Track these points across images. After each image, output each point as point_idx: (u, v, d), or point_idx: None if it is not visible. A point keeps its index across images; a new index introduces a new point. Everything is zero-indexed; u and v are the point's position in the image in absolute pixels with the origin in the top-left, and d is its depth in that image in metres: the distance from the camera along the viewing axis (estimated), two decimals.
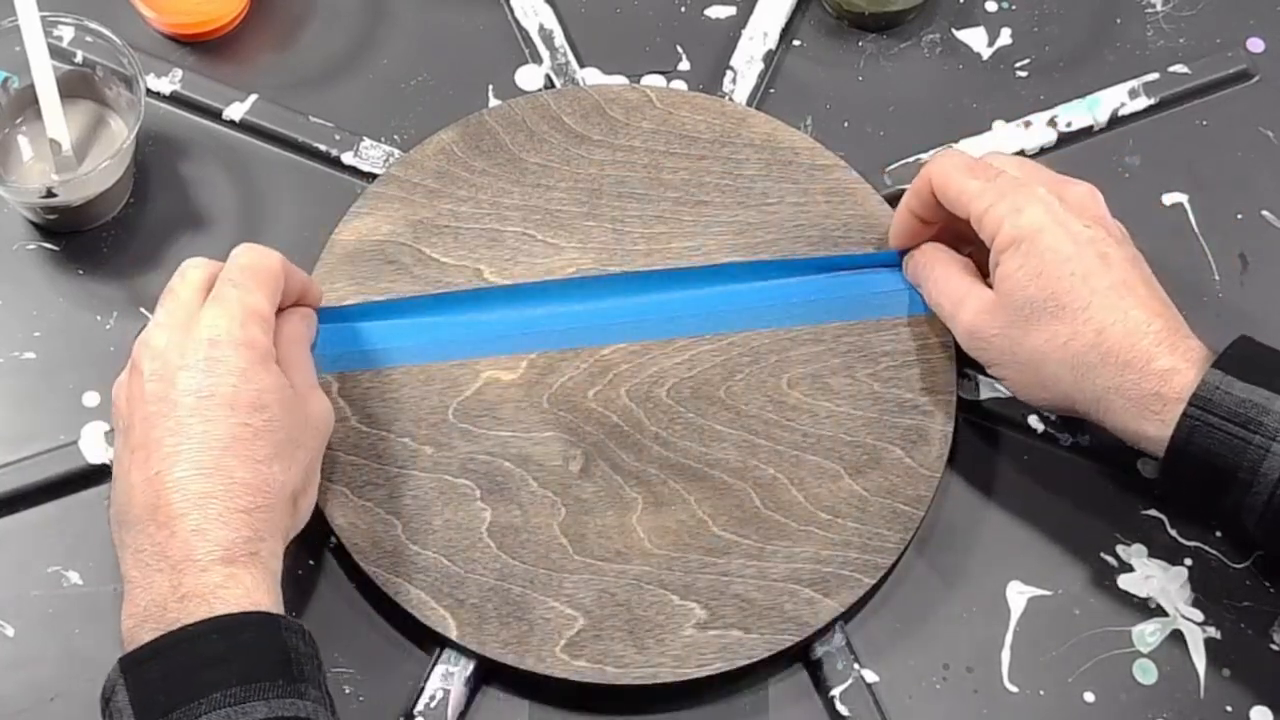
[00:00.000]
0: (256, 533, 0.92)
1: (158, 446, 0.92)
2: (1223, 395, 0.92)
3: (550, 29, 1.23)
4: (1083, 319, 0.97)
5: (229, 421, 0.92)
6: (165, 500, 0.90)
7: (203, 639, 0.86)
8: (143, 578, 0.90)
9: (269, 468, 0.94)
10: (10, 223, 1.15)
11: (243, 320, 0.95)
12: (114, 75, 1.14)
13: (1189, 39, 1.24)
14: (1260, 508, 0.92)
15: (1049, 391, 1.01)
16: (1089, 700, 1.02)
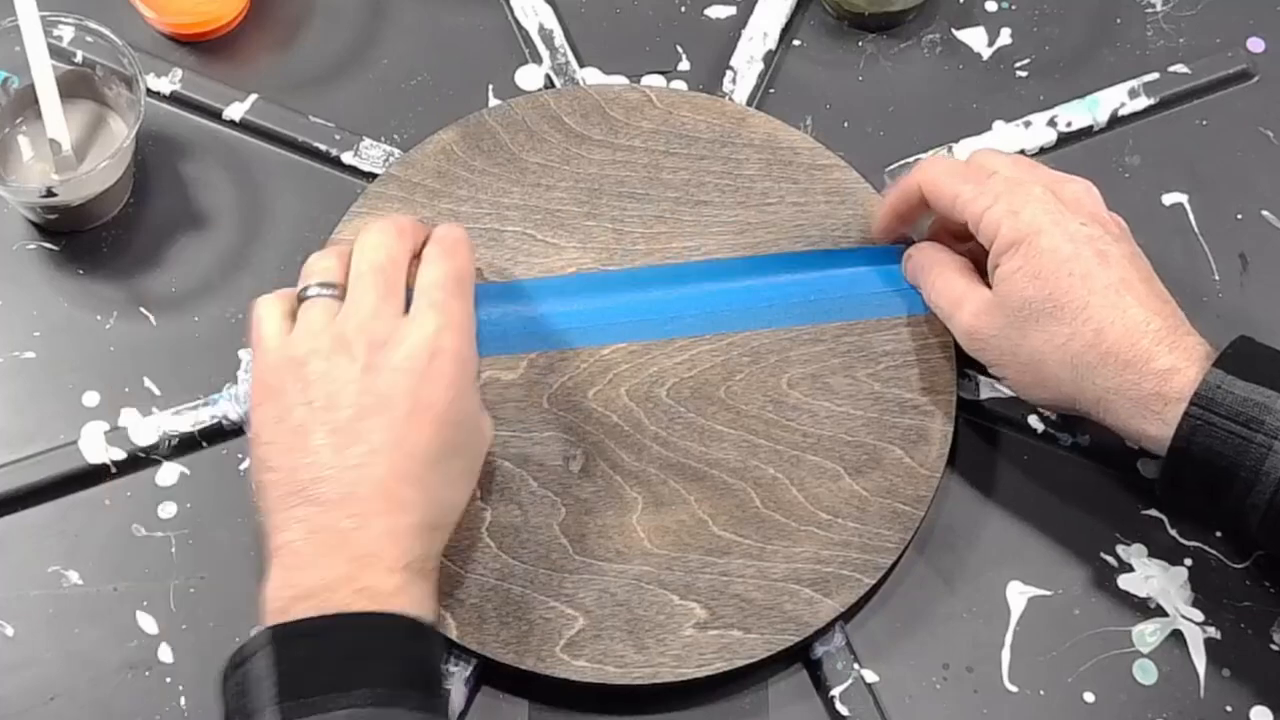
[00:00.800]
0: (436, 548, 0.94)
1: (365, 438, 0.91)
2: (1224, 394, 0.91)
3: (550, 29, 1.23)
4: (1081, 319, 0.96)
5: (438, 438, 0.93)
6: (366, 495, 0.90)
7: (364, 631, 0.86)
8: (316, 557, 0.89)
9: (457, 488, 0.96)
10: (10, 222, 1.15)
11: (467, 335, 0.96)
12: (114, 75, 1.13)
13: (1189, 39, 1.24)
14: (1263, 507, 0.91)
15: (1050, 391, 1.00)
16: (1089, 700, 1.02)
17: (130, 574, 1.04)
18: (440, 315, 0.95)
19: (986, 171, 1.02)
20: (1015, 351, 1.00)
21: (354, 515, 0.90)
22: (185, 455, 1.08)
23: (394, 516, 0.90)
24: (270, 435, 0.93)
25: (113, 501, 1.06)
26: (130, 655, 1.02)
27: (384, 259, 0.97)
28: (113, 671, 1.01)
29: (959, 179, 1.02)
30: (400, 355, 0.93)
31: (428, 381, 0.93)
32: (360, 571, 0.88)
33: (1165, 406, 0.93)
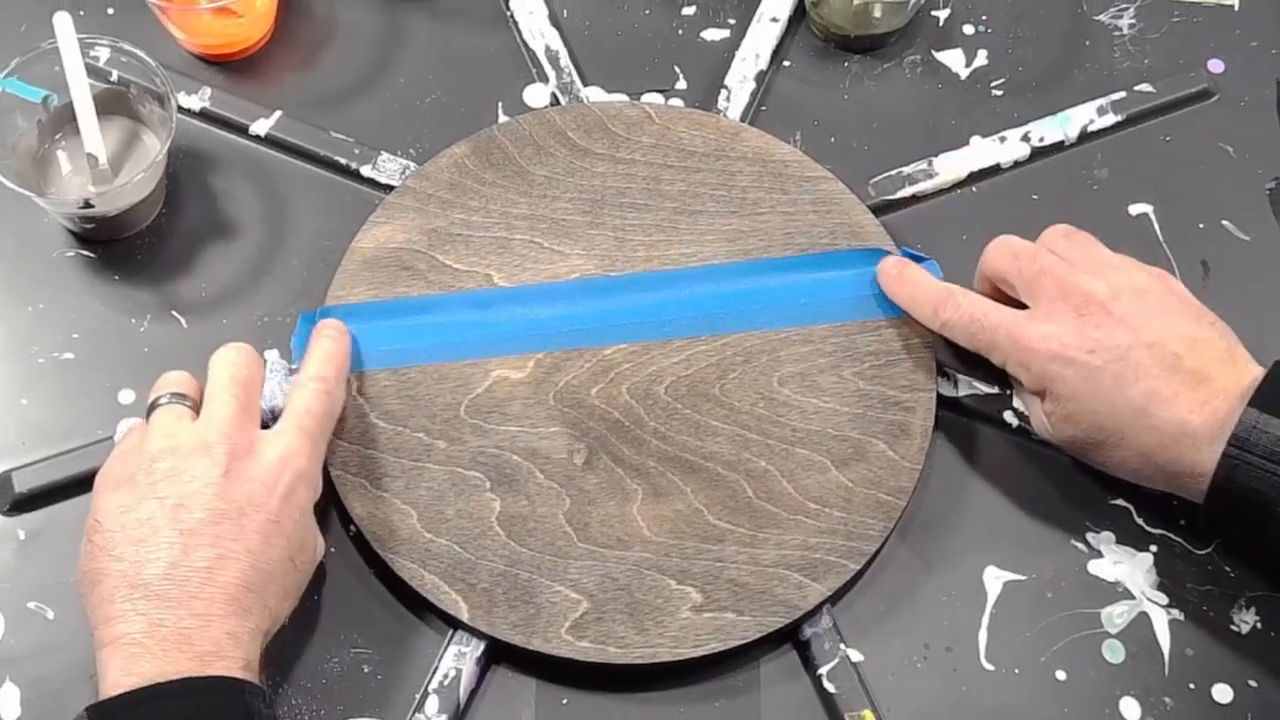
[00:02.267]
0: (258, 652, 0.91)
1: (216, 543, 0.89)
2: (1260, 435, 0.90)
3: (556, 50, 1.22)
4: (1124, 448, 0.97)
5: (284, 551, 0.92)
6: (211, 597, 0.88)
7: (184, 697, 0.84)
8: (158, 650, 0.86)
9: (288, 600, 0.95)
10: (50, 232, 1.14)
11: (318, 464, 0.96)
12: (147, 93, 1.13)
13: (1153, 60, 1.24)
14: None
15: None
16: (1061, 678, 1.02)
17: None
18: (302, 439, 0.95)
19: (990, 324, 1.01)
20: (1085, 457, 1.02)
21: (198, 615, 0.87)
22: None
23: (237, 620, 0.89)
24: (115, 524, 0.91)
25: None
26: None
27: (244, 375, 0.97)
28: None
29: (969, 331, 1.02)
30: (260, 467, 0.93)
31: (282, 498, 0.93)
32: (203, 669, 0.86)
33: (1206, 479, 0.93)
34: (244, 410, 0.95)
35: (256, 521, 0.91)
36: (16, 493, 1.05)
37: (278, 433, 0.94)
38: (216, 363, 0.98)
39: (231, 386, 0.96)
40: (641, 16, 1.25)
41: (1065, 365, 0.96)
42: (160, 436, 0.93)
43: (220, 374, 0.97)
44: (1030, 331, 0.98)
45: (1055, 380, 0.97)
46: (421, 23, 1.24)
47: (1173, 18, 1.26)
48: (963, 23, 1.26)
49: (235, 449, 0.92)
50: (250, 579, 0.90)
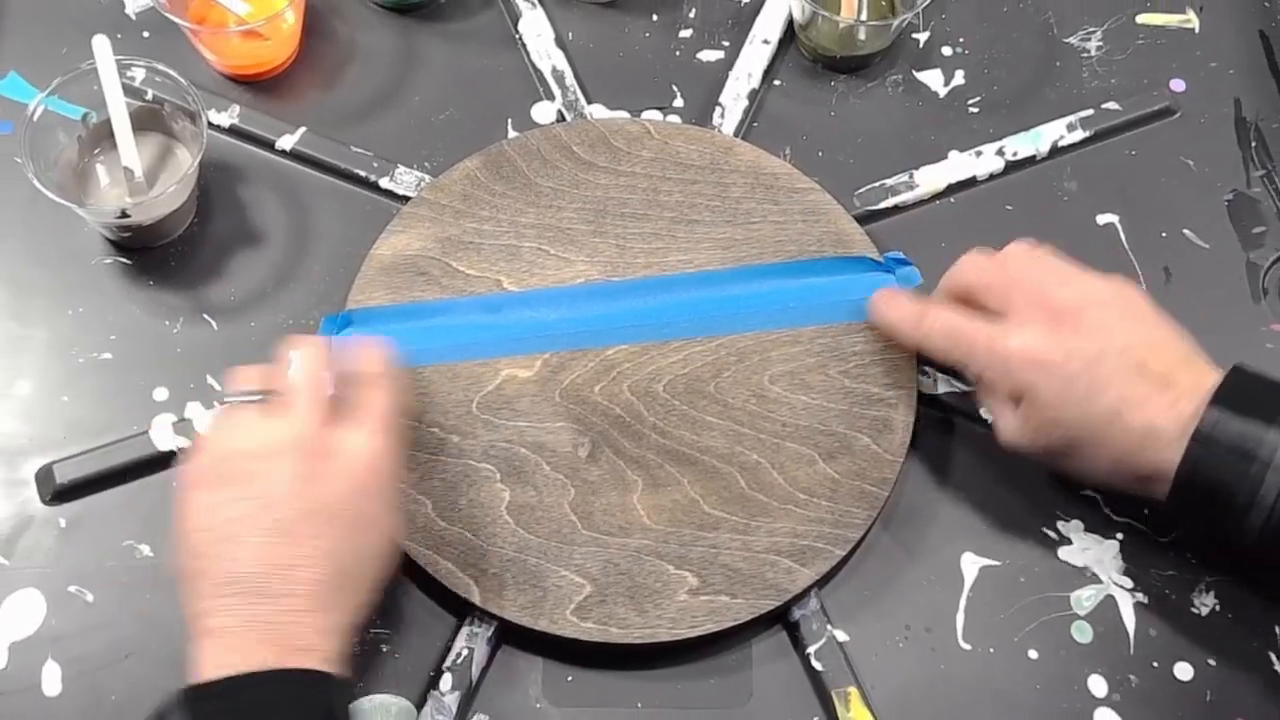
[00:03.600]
0: (344, 648, 0.89)
1: (304, 541, 0.88)
2: (1221, 430, 0.90)
3: (562, 70, 1.22)
4: (1096, 454, 0.95)
5: (366, 547, 0.91)
6: (302, 594, 0.87)
7: (274, 685, 0.84)
8: (251, 644, 0.85)
9: (371, 594, 0.92)
10: (89, 240, 1.14)
11: (396, 461, 0.94)
12: (180, 110, 1.13)
13: (1119, 80, 1.24)
14: (1258, 530, 0.90)
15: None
16: (1033, 657, 1.01)
17: None
18: (379, 438, 0.93)
19: (968, 337, 0.99)
20: (1055, 468, 1.01)
21: (286, 611, 0.86)
22: None
23: (324, 615, 0.87)
24: (205, 522, 0.89)
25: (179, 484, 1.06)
26: None
27: (314, 375, 0.94)
28: (179, 633, 0.98)
29: (949, 343, 1.01)
30: (342, 467, 0.90)
31: (365, 496, 0.91)
32: (289, 662, 0.85)
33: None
34: (321, 411, 0.93)
35: (341, 520, 0.89)
36: (58, 484, 1.05)
37: (353, 435, 0.92)
38: (295, 361, 0.95)
39: (308, 389, 0.93)
40: (642, 39, 1.25)
41: (1042, 372, 0.95)
42: (245, 436, 0.91)
43: (296, 375, 0.94)
44: (1008, 340, 0.96)
45: (1032, 387, 0.95)
46: (436, 44, 1.24)
47: (1137, 40, 1.26)
48: (942, 45, 1.25)
49: (318, 450, 0.90)
50: (336, 576, 0.88)
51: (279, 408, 0.92)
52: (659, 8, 1.26)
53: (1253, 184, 1.19)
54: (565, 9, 1.26)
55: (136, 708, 0.98)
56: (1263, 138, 1.21)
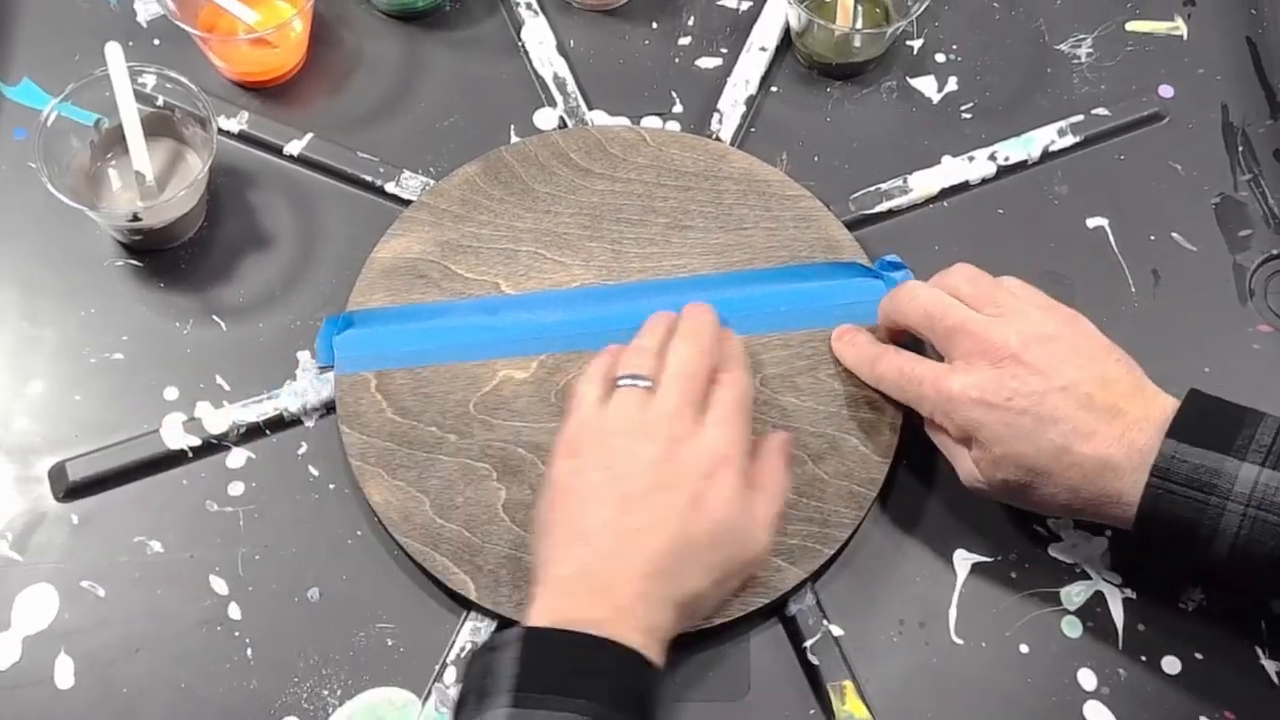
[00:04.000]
0: (674, 626, 0.91)
1: (648, 510, 0.91)
2: (1179, 464, 0.89)
3: (563, 77, 1.22)
4: (1052, 485, 0.94)
5: (706, 532, 0.92)
6: (636, 558, 0.90)
7: (599, 652, 0.85)
8: (583, 594, 0.89)
9: (708, 582, 0.92)
10: (102, 243, 1.14)
11: (746, 449, 0.96)
12: (190, 116, 1.13)
13: (1109, 86, 1.23)
14: (1223, 560, 0.90)
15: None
16: (1024, 651, 1.02)
17: (204, 543, 1.04)
18: (729, 431, 0.95)
19: (915, 378, 1.00)
20: (1021, 505, 0.99)
21: (621, 572, 0.89)
22: (251, 442, 1.08)
23: (651, 583, 0.89)
24: (567, 483, 0.94)
25: (189, 481, 1.06)
26: (204, 613, 1.02)
27: (692, 369, 0.97)
28: (189, 627, 1.01)
29: (898, 385, 1.02)
30: (693, 452, 0.93)
31: (710, 483, 0.92)
32: (614, 620, 0.87)
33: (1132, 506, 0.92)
34: (686, 402, 0.95)
35: (684, 497, 0.91)
36: (70, 481, 1.05)
37: (707, 427, 0.94)
38: (672, 356, 0.98)
39: (679, 380, 0.96)
40: (641, 46, 1.25)
41: (987, 412, 0.95)
42: (618, 417, 0.95)
43: (673, 366, 0.97)
44: (952, 384, 0.96)
45: (979, 427, 0.95)
46: (440, 52, 1.24)
47: (1126, 47, 1.25)
48: (935, 52, 1.25)
49: (675, 435, 0.93)
50: (671, 547, 0.90)
51: (656, 394, 0.96)
52: (659, 16, 1.26)
53: (1239, 188, 1.19)
54: (567, 17, 1.26)
55: (147, 700, 0.99)
56: (1249, 142, 1.21)
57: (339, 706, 0.99)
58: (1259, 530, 0.88)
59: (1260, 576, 0.90)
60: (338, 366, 1.08)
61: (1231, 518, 0.88)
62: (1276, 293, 1.15)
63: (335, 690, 1.00)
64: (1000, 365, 0.95)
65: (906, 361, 1.02)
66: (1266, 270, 1.16)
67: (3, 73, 1.21)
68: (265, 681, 1.00)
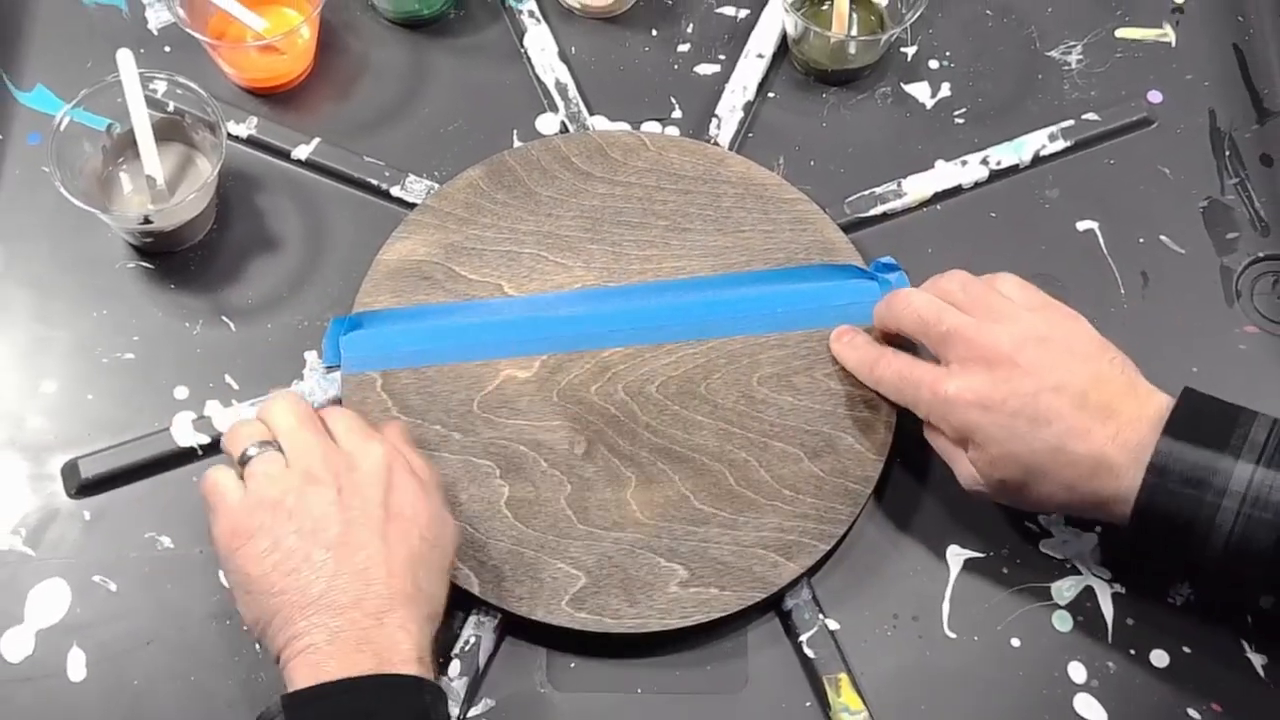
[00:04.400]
0: (429, 639, 0.90)
1: (360, 547, 0.89)
2: (1175, 462, 0.89)
3: (565, 83, 1.22)
4: (1048, 483, 0.94)
5: (417, 536, 0.91)
6: (375, 595, 0.87)
7: (370, 691, 0.84)
8: (342, 654, 0.85)
9: (441, 580, 0.93)
10: (113, 245, 1.14)
11: (408, 450, 0.96)
12: (200, 121, 1.13)
13: (1098, 92, 1.23)
14: (1218, 557, 0.90)
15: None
16: (1015, 645, 1.02)
17: None
18: (370, 440, 0.94)
19: (914, 381, 1.00)
20: (1019, 505, 0.99)
21: (370, 614, 0.87)
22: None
23: (403, 610, 0.88)
24: (263, 567, 0.89)
25: (199, 478, 1.05)
26: (213, 607, 1.02)
27: (305, 413, 0.95)
28: (198, 621, 1.01)
29: (897, 388, 1.02)
30: (363, 474, 0.91)
31: (394, 490, 0.91)
32: (385, 664, 0.85)
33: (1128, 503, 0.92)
34: (324, 439, 0.93)
35: (381, 519, 0.90)
36: (83, 478, 1.05)
37: (356, 448, 0.93)
38: (277, 413, 0.95)
39: (304, 425, 0.94)
40: (641, 53, 1.25)
41: (983, 413, 0.94)
42: (269, 484, 0.91)
43: (288, 420, 0.94)
44: (948, 386, 0.96)
45: (975, 428, 0.95)
46: (445, 59, 1.24)
47: (1116, 53, 1.25)
48: (929, 58, 1.25)
49: (337, 469, 0.91)
50: (404, 568, 0.89)
51: (287, 449, 0.93)
52: (658, 23, 1.26)
53: (1227, 191, 1.19)
54: (568, 24, 1.26)
55: (157, 692, 0.99)
56: (1236, 147, 1.21)
57: None
58: (1253, 527, 0.88)
59: (1252, 572, 0.91)
60: (344, 366, 1.07)
61: (1227, 515, 0.88)
62: (1263, 294, 1.15)
63: None
64: (994, 368, 0.95)
65: (905, 365, 1.02)
66: (1253, 272, 1.16)
67: (17, 79, 1.21)
68: (272, 674, 0.98)
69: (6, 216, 1.15)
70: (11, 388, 1.09)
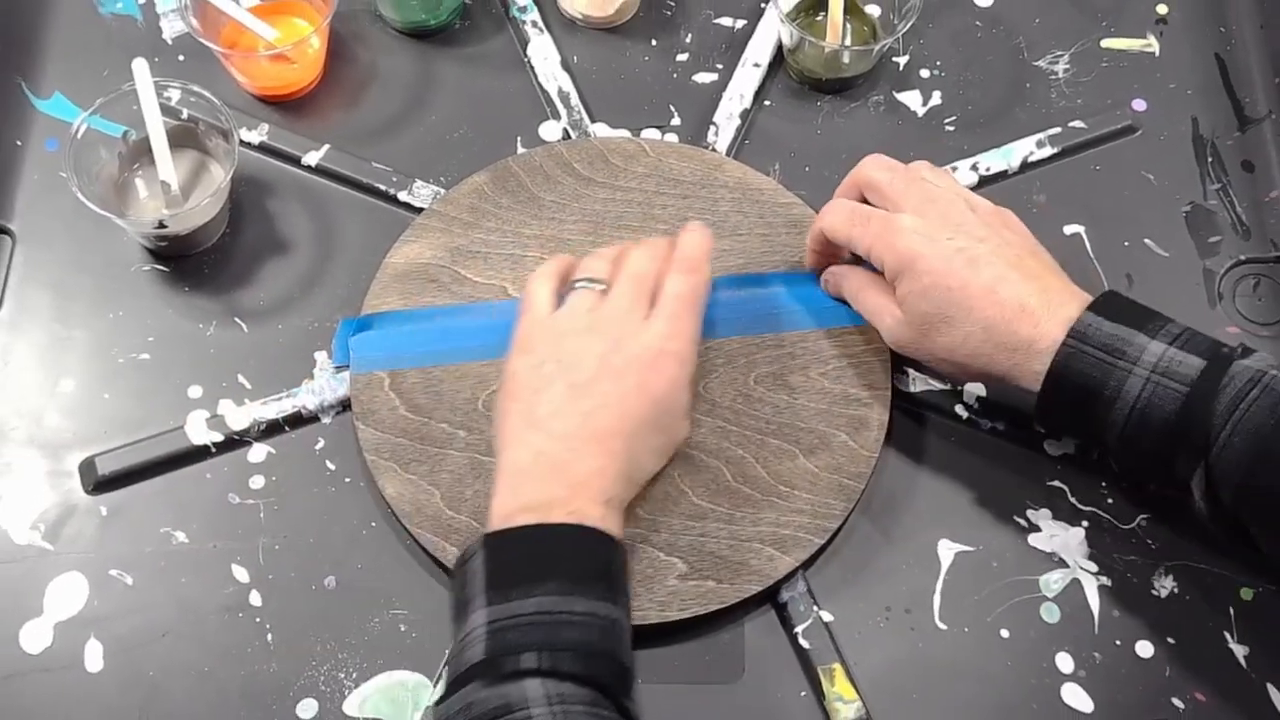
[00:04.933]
0: (627, 496, 0.98)
1: (595, 396, 0.95)
2: (1094, 330, 0.92)
3: (567, 91, 1.22)
4: (969, 321, 0.96)
5: (649, 413, 0.97)
6: (585, 436, 0.94)
7: (560, 537, 0.90)
8: (539, 477, 0.93)
9: (651, 458, 1.00)
10: (129, 249, 1.14)
11: (690, 343, 1.00)
12: (213, 129, 1.13)
13: (1085, 100, 1.23)
14: (1121, 422, 0.92)
15: (968, 374, 1.02)
16: (1004, 636, 1.02)
17: (226, 534, 1.04)
18: (671, 324, 0.98)
19: (865, 214, 1.02)
20: (930, 350, 1.00)
21: (574, 450, 0.94)
22: (271, 438, 1.08)
23: (603, 459, 0.94)
24: (521, 377, 0.98)
25: (212, 475, 1.06)
26: (227, 600, 1.02)
27: (642, 272, 1.01)
28: (212, 613, 1.02)
29: (847, 224, 1.03)
30: (636, 347, 0.97)
31: (652, 371, 0.97)
32: (573, 496, 0.92)
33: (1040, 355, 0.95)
34: (635, 302, 0.99)
35: (630, 383, 0.96)
36: (99, 475, 1.05)
37: (650, 322, 0.98)
38: (627, 259, 1.03)
39: (629, 282, 1.00)
40: (641, 62, 1.25)
41: (927, 243, 0.97)
42: (570, 315, 1.00)
43: (625, 269, 1.02)
44: (901, 220, 0.99)
45: (916, 258, 0.97)
46: (451, 67, 1.24)
47: (1101, 63, 1.25)
48: (920, 68, 1.25)
49: (621, 332, 0.98)
50: (620, 426, 0.95)
51: (608, 296, 1.01)
52: (658, 33, 1.26)
53: (1209, 196, 1.19)
54: (570, 34, 1.26)
55: (172, 683, 1.00)
56: (1218, 153, 1.21)
57: (354, 688, 0.99)
58: (1159, 395, 0.91)
59: (1148, 445, 0.92)
60: (353, 366, 1.07)
61: (1135, 382, 0.91)
62: (1244, 296, 1.15)
63: (351, 673, 1.00)
64: (947, 215, 1.00)
65: (857, 204, 1.05)
66: (1235, 275, 1.16)
67: (35, 87, 1.21)
68: (284, 665, 1.00)
69: (26, 221, 1.15)
70: (31, 387, 1.09)
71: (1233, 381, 0.90)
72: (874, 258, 1.01)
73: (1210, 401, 0.90)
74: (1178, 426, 0.90)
